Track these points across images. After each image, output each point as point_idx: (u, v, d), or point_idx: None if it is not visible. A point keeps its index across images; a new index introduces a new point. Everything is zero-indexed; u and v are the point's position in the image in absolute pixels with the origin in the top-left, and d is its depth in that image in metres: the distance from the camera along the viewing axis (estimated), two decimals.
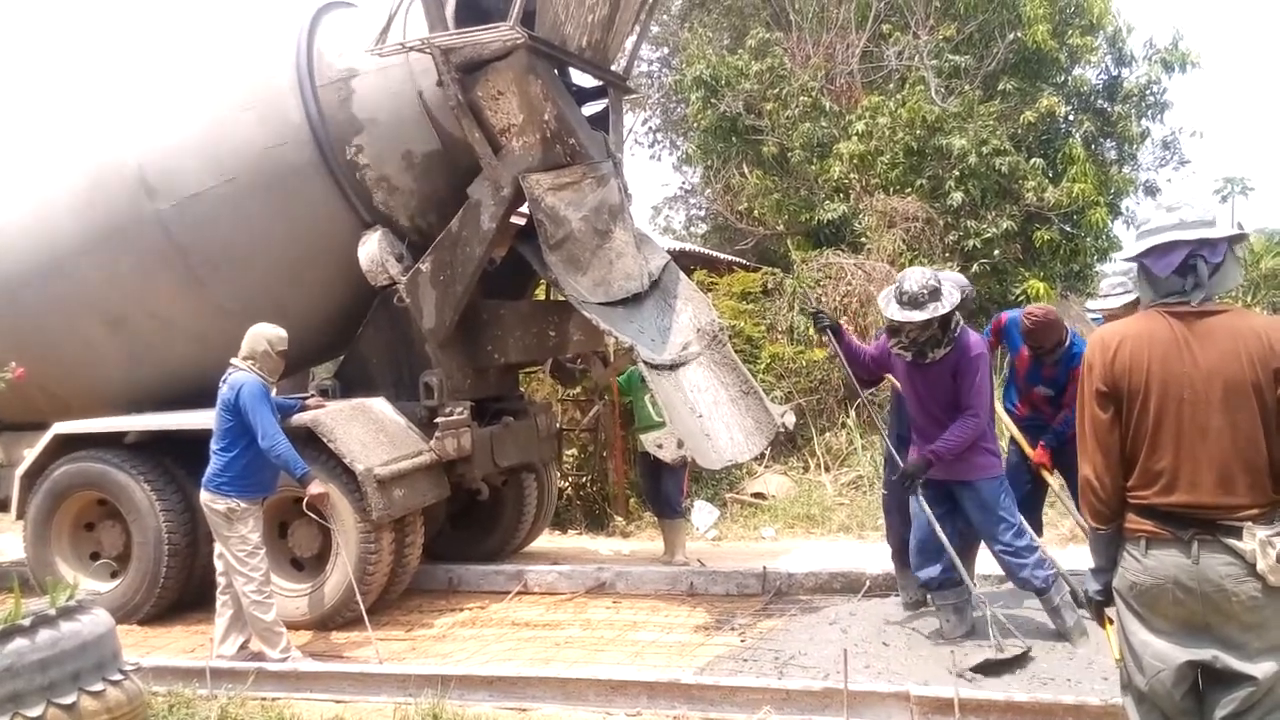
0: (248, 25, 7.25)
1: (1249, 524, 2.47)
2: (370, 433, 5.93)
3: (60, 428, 6.30)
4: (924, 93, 12.59)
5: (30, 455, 6.34)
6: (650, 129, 19.18)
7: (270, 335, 5.32)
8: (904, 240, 11.46)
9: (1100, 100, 13.33)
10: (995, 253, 12.07)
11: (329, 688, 4.75)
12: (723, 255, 13.01)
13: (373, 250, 6.20)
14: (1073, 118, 13.14)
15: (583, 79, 6.86)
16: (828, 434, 9.89)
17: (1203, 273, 2.59)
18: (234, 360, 5.31)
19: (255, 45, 6.64)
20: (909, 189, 12.16)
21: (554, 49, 6.04)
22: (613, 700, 4.38)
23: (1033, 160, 12.29)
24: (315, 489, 5.19)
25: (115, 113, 6.51)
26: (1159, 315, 2.64)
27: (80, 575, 6.09)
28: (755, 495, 9.09)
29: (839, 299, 10.51)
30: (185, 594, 6.24)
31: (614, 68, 6.91)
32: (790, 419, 6.34)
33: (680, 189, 19.71)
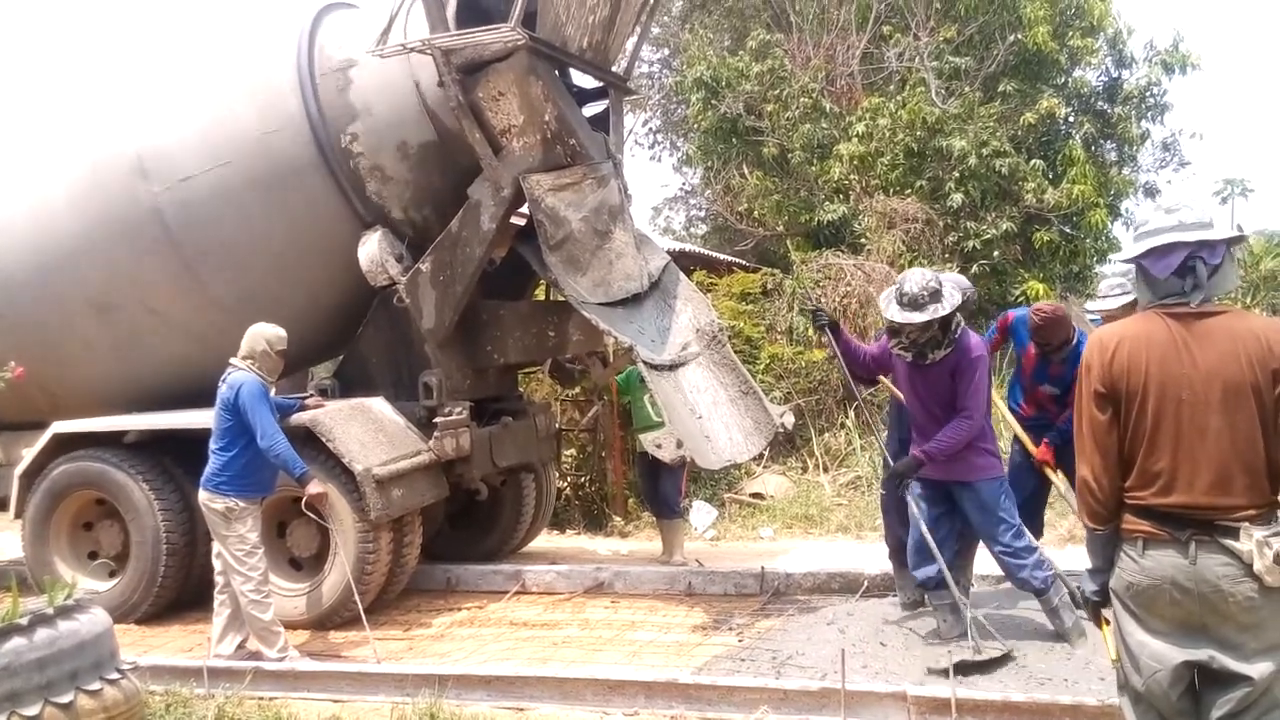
0: (251, 18, 7.28)
1: (1246, 524, 2.47)
2: (369, 433, 5.93)
3: (59, 427, 6.30)
4: (924, 94, 12.60)
5: (29, 454, 6.34)
6: (650, 130, 19.24)
7: (269, 335, 5.32)
8: (904, 241, 11.47)
9: (1100, 102, 13.35)
10: (995, 254, 12.09)
11: (326, 687, 4.75)
12: (722, 256, 13.01)
13: (372, 250, 6.20)
14: (1073, 119, 13.17)
15: (583, 80, 6.86)
16: (826, 434, 9.89)
17: (1202, 274, 2.60)
18: (233, 360, 5.31)
19: (258, 36, 6.66)
20: (909, 190, 12.18)
21: (555, 50, 6.03)
22: (610, 700, 4.38)
23: (1033, 162, 12.31)
24: (314, 488, 5.20)
25: (117, 103, 6.52)
26: (1157, 316, 2.65)
27: (78, 574, 6.08)
28: (754, 495, 9.08)
29: (838, 300, 10.50)
30: (183, 593, 6.24)
31: (615, 69, 6.90)
32: (789, 419, 6.34)
33: (680, 190, 19.76)
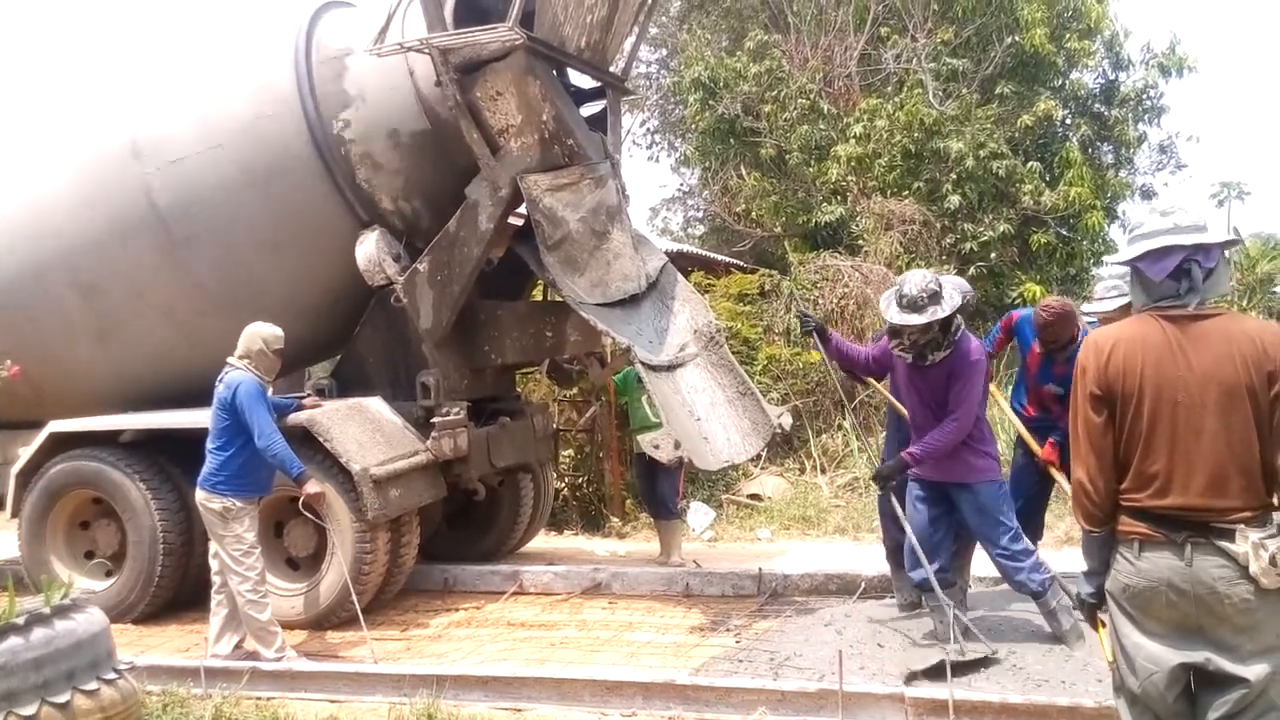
0: (252, 10, 7.34)
1: (1242, 526, 2.48)
2: (366, 432, 5.93)
3: (56, 426, 6.29)
4: (922, 96, 12.61)
5: (25, 453, 6.33)
6: (648, 130, 19.23)
7: (266, 334, 5.32)
8: (901, 243, 11.47)
9: (1097, 104, 13.35)
10: (992, 256, 12.10)
11: (324, 687, 4.75)
12: (720, 257, 13.01)
13: (370, 250, 6.19)
14: (1070, 121, 13.17)
15: (581, 80, 6.86)
16: (824, 436, 9.89)
17: (1197, 277, 2.61)
18: (230, 359, 5.31)
19: (256, 25, 6.70)
20: (906, 192, 12.18)
21: (553, 50, 6.04)
22: (608, 701, 4.38)
23: (1030, 164, 12.32)
24: (311, 488, 5.19)
25: (114, 88, 6.56)
26: (1152, 319, 2.65)
27: (75, 574, 6.06)
28: (751, 496, 9.09)
29: (836, 301, 10.52)
30: (180, 593, 6.24)
31: (612, 69, 6.91)
32: (787, 420, 6.35)
33: (678, 190, 19.72)
